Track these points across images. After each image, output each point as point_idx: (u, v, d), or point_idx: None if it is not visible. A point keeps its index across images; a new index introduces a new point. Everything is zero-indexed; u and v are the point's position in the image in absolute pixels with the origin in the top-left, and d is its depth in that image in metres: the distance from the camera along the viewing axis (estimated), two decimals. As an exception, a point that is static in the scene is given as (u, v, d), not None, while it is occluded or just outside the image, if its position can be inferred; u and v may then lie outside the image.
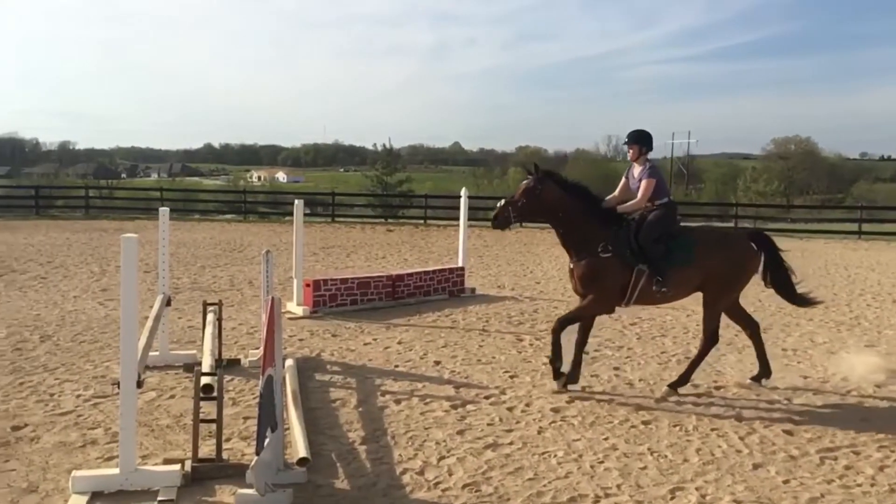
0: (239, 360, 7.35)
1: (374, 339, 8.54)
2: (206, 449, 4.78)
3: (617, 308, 6.66)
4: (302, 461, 4.60)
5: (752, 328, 6.91)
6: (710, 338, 6.65)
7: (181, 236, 19.32)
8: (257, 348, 7.52)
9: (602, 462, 5.03)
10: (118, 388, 4.49)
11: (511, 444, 5.34)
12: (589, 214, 6.53)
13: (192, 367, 6.75)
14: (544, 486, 4.63)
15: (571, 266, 6.64)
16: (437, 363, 7.54)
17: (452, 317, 9.95)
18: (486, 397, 6.42)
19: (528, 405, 6.22)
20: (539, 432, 5.58)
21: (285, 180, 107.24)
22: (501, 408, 6.14)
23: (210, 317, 6.91)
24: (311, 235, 19.58)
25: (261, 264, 7.20)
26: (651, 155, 6.80)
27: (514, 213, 6.55)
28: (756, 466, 5.01)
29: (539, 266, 15.54)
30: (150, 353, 6.20)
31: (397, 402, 6.24)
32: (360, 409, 6.04)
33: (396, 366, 7.44)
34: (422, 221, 27.23)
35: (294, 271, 10.18)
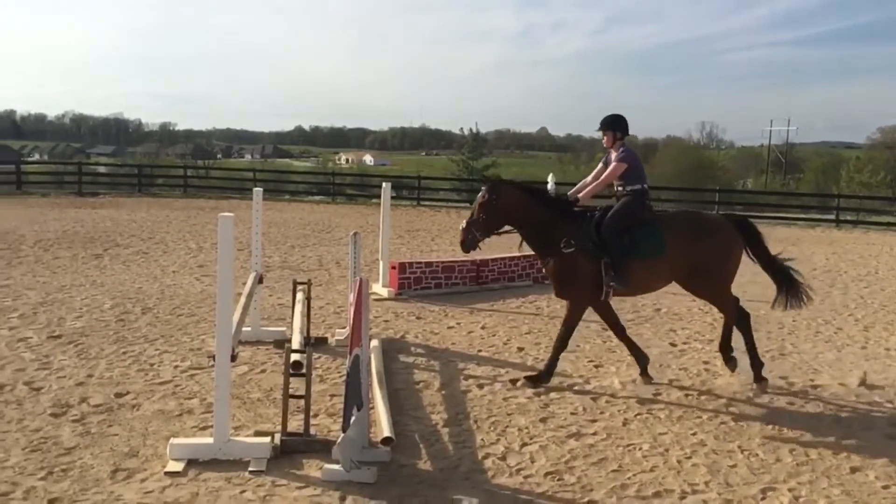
0: (326, 339, 7.51)
1: (458, 324, 8.57)
2: (294, 423, 4.91)
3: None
4: (386, 440, 4.67)
5: (741, 316, 6.56)
6: (733, 314, 6.44)
7: (272, 216, 19.88)
8: (343, 328, 7.68)
9: (689, 457, 4.91)
10: (213, 361, 4.67)
11: (595, 434, 5.27)
12: (550, 212, 6.31)
13: (281, 343, 6.96)
14: (628, 478, 4.56)
15: (543, 268, 6.46)
16: (521, 349, 7.51)
17: (537, 303, 9.88)
18: (570, 386, 6.35)
19: (613, 396, 6.12)
20: (624, 424, 5.49)
21: (372, 163, 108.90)
22: (585, 397, 6.07)
23: (299, 295, 7.09)
24: (396, 218, 19.79)
25: (349, 245, 7.32)
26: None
27: (478, 230, 6.29)
28: (854, 470, 4.78)
29: (626, 255, 15.23)
30: (243, 329, 6.41)
31: (480, 386, 6.25)
32: (443, 392, 6.08)
33: (479, 350, 7.45)
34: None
35: (380, 253, 10.32)
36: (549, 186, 12.34)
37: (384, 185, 10.37)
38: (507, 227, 6.41)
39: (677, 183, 44.06)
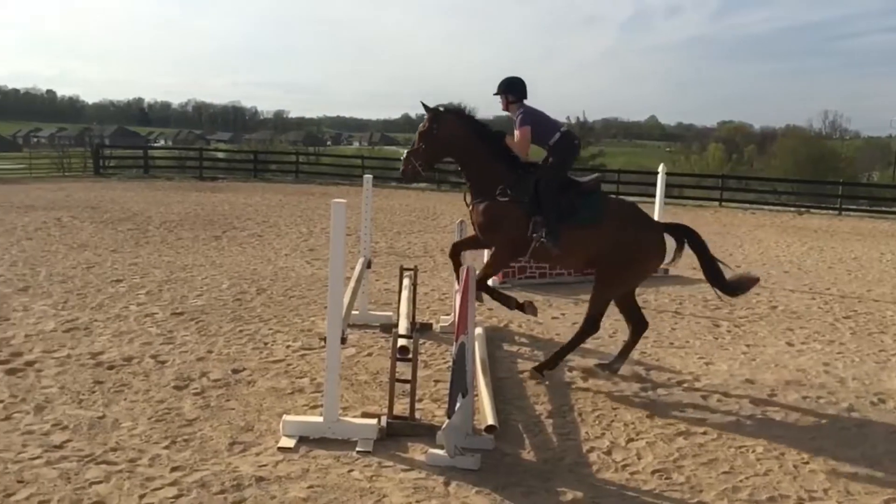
0: (431, 325, 7.60)
1: (562, 314, 8.48)
2: (400, 407, 4.99)
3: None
4: (490, 428, 4.68)
5: (637, 326, 6.26)
6: (590, 324, 6.06)
7: (379, 202, 20.23)
8: (448, 314, 7.75)
9: (807, 463, 4.68)
10: (324, 342, 4.81)
11: (705, 433, 5.10)
12: (493, 154, 6.01)
13: (388, 327, 7.10)
14: (741, 481, 4.39)
15: (470, 209, 6.16)
16: (627, 343, 7.34)
17: (643, 296, 9.60)
18: (679, 383, 6.17)
19: (724, 395, 5.90)
20: (736, 424, 5.28)
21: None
22: (695, 395, 5.88)
23: (406, 281, 7.20)
24: (501, 207, 19.76)
25: (454, 233, 7.36)
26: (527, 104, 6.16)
27: (419, 161, 6.08)
28: None
29: (739, 249, 14.65)
30: (352, 313, 6.58)
31: (584, 378, 6.17)
32: (548, 383, 6.04)
33: (584, 342, 7.33)
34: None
35: (485, 241, 10.32)
36: (660, 178, 12.01)
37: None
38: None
39: (796, 175, 41.91)
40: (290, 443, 4.59)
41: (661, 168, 12.45)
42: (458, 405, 4.43)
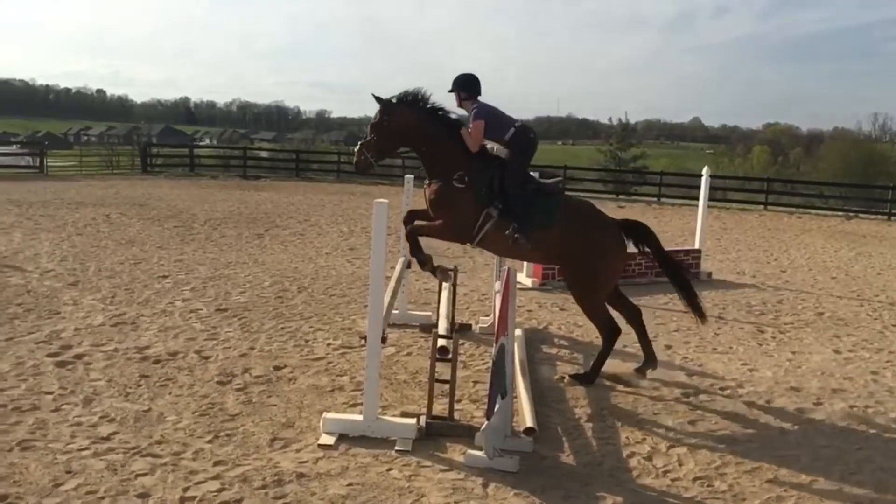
0: (470, 326, 7.60)
1: (603, 317, 8.40)
2: (439, 407, 5.01)
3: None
4: (529, 431, 4.67)
5: (632, 314, 6.28)
6: (606, 330, 6.07)
7: (419, 202, 20.31)
8: (487, 315, 7.75)
9: (854, 474, 4.57)
10: (364, 341, 4.85)
11: (749, 441, 5.01)
12: (452, 140, 5.98)
13: (427, 327, 7.13)
14: (785, 490, 4.30)
15: (425, 188, 6.13)
16: (668, 347, 7.26)
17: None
18: (722, 389, 6.08)
19: (768, 402, 5.80)
20: (781, 433, 5.19)
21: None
22: (738, 402, 5.78)
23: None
24: (541, 208, 19.67)
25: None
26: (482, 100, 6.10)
27: (371, 152, 6.02)
28: None
29: (785, 253, 14.36)
30: (392, 312, 6.61)
31: (625, 382, 6.11)
32: (586, 387, 5.99)
33: (625, 346, 7.24)
34: (655, 199, 26.28)
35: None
36: (704, 180, 11.82)
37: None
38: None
39: (845, 178, 40.94)
40: (330, 440, 4.63)
41: (705, 170, 12.26)
42: (497, 406, 4.43)
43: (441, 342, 5.01)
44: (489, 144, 6.14)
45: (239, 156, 33.89)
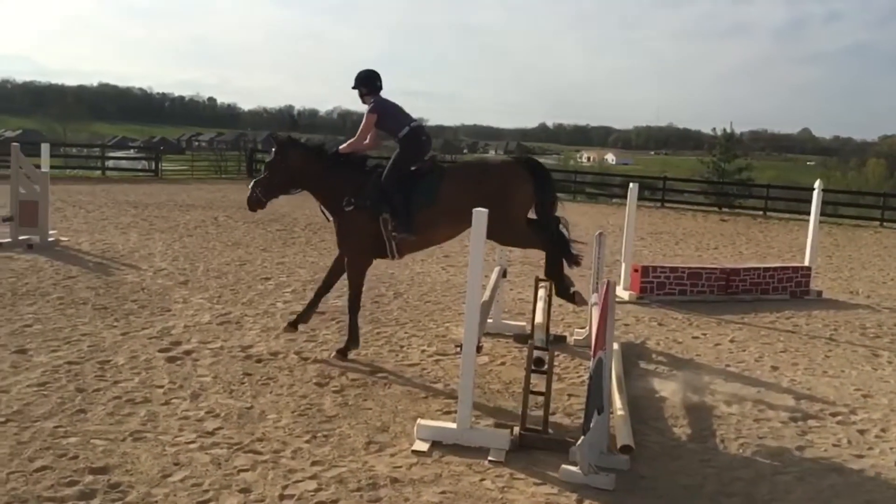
0: (564, 338, 7.50)
1: (704, 334, 8.14)
2: (532, 419, 4.95)
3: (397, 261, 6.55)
4: (625, 448, 4.55)
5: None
6: (542, 248, 6.55)
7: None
8: (582, 328, 7.63)
9: (983, 515, 4.23)
10: (459, 349, 4.85)
11: (861, 471, 4.72)
12: (335, 171, 6.31)
13: (521, 337, 7.05)
14: (903, 528, 4.03)
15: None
16: (775, 369, 6.94)
17: (794, 320, 9.08)
18: (833, 414, 5.75)
19: (884, 430, 5.45)
20: (898, 465, 4.86)
21: (614, 162, 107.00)
22: (851, 429, 5.46)
23: (541, 292, 7.14)
24: (639, 220, 19.20)
25: (592, 245, 7.24)
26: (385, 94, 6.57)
27: (261, 190, 6.40)
28: None
29: (903, 273, 13.50)
30: (486, 321, 6.60)
31: (727, 403, 5.88)
32: (687, 405, 5.80)
33: (727, 365, 7.01)
34: (761, 213, 25.27)
35: (623, 255, 10.10)
36: (815, 194, 11.26)
37: (631, 185, 10.11)
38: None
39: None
40: (424, 446, 4.66)
41: (817, 184, 11.66)
42: (593, 422, 4.34)
43: (537, 353, 4.96)
44: (371, 161, 6.56)
45: (339, 162, 34.64)
